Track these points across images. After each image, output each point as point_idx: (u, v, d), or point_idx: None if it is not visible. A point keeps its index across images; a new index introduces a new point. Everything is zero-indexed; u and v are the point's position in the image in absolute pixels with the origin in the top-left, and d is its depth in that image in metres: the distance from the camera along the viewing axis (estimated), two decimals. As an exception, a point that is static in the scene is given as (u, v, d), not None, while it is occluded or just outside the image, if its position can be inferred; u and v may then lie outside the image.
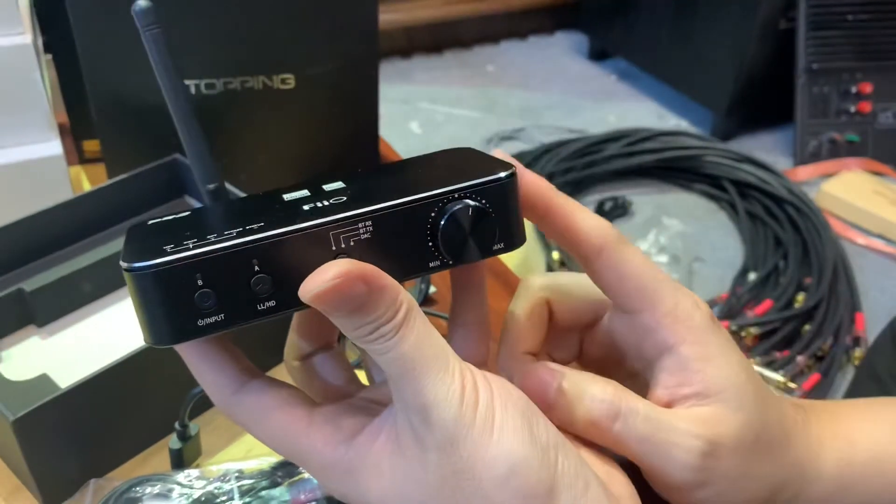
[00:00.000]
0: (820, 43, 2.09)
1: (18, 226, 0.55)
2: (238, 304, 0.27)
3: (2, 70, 0.60)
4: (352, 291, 0.26)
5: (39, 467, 0.43)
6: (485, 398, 0.28)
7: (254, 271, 0.26)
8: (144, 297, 0.26)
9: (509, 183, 0.29)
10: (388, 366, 0.28)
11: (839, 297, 1.63)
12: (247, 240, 0.26)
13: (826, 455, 0.36)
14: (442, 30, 2.67)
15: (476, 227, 0.29)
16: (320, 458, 0.30)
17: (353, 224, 0.27)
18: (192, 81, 0.64)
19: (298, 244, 0.27)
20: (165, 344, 0.27)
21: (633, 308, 0.34)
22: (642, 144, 2.04)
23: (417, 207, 0.28)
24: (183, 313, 0.26)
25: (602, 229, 0.33)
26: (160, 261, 0.26)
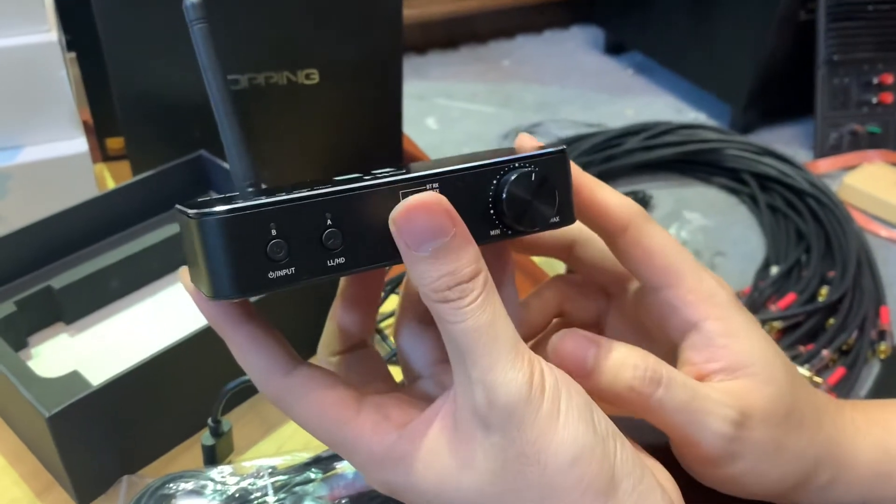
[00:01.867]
0: (840, 34, 2.06)
1: (45, 224, 0.55)
2: (309, 257, 0.27)
3: (28, 68, 0.60)
4: (440, 219, 0.26)
5: (73, 463, 0.43)
6: (551, 384, 0.28)
7: (326, 224, 0.27)
8: (215, 245, 0.25)
9: (563, 156, 0.31)
10: (461, 335, 0.27)
11: (863, 290, 1.61)
12: (322, 191, 0.26)
13: (862, 440, 0.36)
14: (457, 25, 2.67)
15: (538, 192, 0.29)
16: (368, 446, 0.29)
17: (420, 184, 0.28)
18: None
19: (370, 200, 0.27)
20: (230, 296, 0.26)
21: (658, 284, 0.34)
22: (662, 138, 2.02)
23: (483, 172, 0.29)
24: (254, 263, 0.26)
25: (628, 206, 0.33)
26: (235, 206, 0.25)
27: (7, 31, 0.59)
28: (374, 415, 0.30)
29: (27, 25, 0.59)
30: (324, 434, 0.30)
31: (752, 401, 0.33)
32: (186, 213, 0.26)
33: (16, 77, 0.60)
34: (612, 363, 0.31)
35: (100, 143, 0.77)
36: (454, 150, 2.15)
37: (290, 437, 0.49)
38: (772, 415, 0.33)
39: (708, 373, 0.33)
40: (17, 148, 0.63)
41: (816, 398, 0.35)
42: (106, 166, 0.77)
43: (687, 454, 0.33)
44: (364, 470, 0.30)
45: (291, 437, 0.49)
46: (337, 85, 0.67)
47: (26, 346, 0.52)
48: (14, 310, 0.50)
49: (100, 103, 0.75)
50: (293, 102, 0.67)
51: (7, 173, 0.61)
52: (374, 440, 0.29)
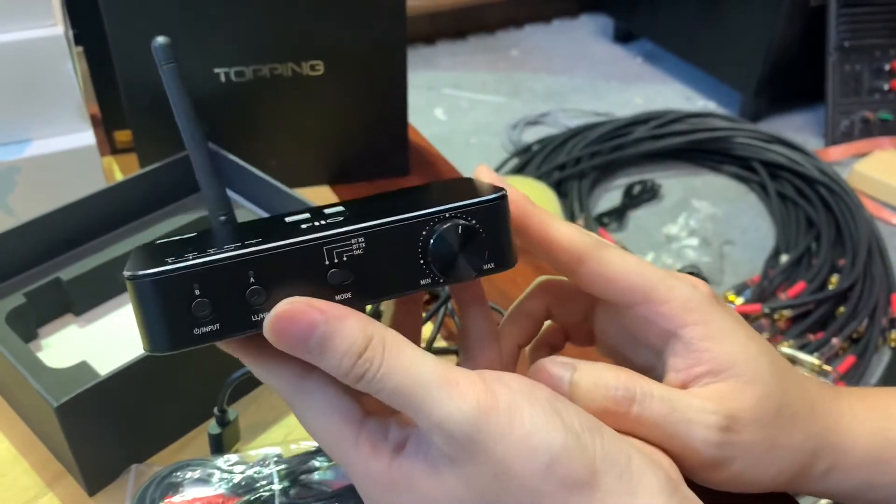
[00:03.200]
0: (851, 20, 2.05)
1: (54, 216, 0.56)
2: (233, 314, 0.28)
3: (35, 61, 0.60)
4: (304, 319, 0.27)
5: (82, 453, 0.44)
6: (504, 397, 0.28)
7: (249, 283, 0.27)
8: (143, 304, 0.27)
9: (499, 203, 0.30)
10: (391, 398, 0.28)
11: (874, 278, 1.60)
12: (243, 252, 0.27)
13: (861, 426, 0.36)
14: (466, 15, 2.66)
15: (466, 245, 0.30)
16: (365, 468, 0.30)
17: (345, 239, 0.28)
18: (221, 69, 0.64)
19: (293, 258, 0.28)
20: (162, 352, 0.28)
21: (629, 303, 0.34)
22: (670, 126, 2.02)
23: (408, 225, 0.29)
24: (179, 322, 0.27)
25: (580, 237, 0.33)
26: (159, 269, 0.27)
27: (14, 25, 0.59)
28: (374, 435, 0.30)
29: (34, 20, 0.60)
30: (327, 447, 0.31)
31: (738, 402, 0.32)
32: (124, 272, 0.28)
33: (23, 71, 0.60)
34: (587, 385, 0.32)
35: (108, 137, 0.77)
36: (463, 140, 2.15)
37: (297, 425, 0.50)
38: (760, 414, 0.33)
39: (693, 377, 0.33)
40: (26, 141, 0.63)
41: (809, 389, 0.35)
42: (114, 159, 0.77)
43: (680, 464, 0.33)
44: (359, 488, 0.31)
45: (297, 426, 0.50)
46: (342, 76, 0.67)
47: (36, 337, 0.53)
48: (23, 301, 0.50)
49: (107, 97, 0.75)
50: (298, 94, 0.67)
51: (15, 166, 0.61)
52: (371, 462, 0.29)
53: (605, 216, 1.83)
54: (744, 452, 0.33)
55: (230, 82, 0.65)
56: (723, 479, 0.33)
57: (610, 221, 1.83)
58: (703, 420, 0.32)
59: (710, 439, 0.32)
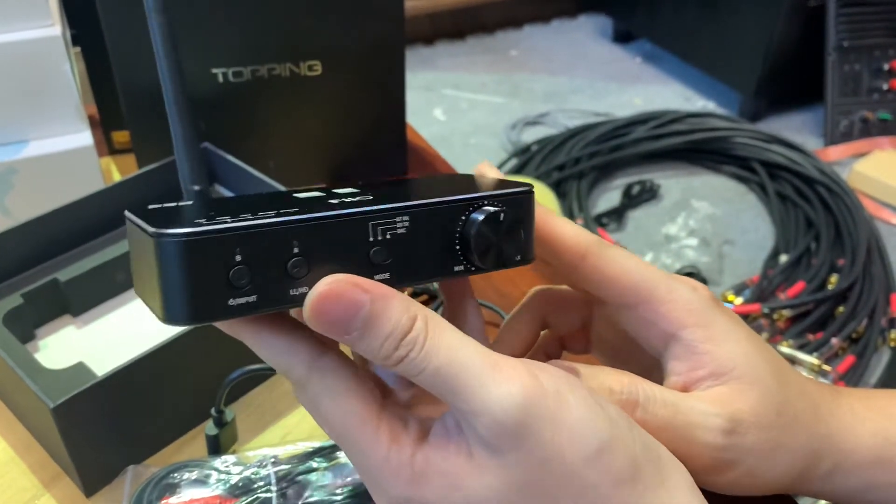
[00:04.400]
0: (850, 20, 2.05)
1: (52, 217, 0.56)
2: (272, 285, 0.25)
3: (32, 62, 0.60)
4: (349, 298, 0.25)
5: (79, 454, 0.44)
6: (549, 382, 0.27)
7: (293, 253, 0.25)
8: (173, 267, 0.24)
9: (530, 196, 0.30)
10: (431, 382, 0.26)
11: (873, 278, 1.60)
12: (290, 219, 0.25)
13: (862, 426, 0.36)
14: (465, 15, 2.66)
15: (505, 233, 0.29)
16: (384, 457, 0.28)
17: (391, 216, 0.27)
18: (219, 70, 0.64)
19: (339, 230, 0.26)
20: (183, 323, 0.25)
21: (629, 304, 0.34)
22: (670, 127, 2.02)
23: (453, 207, 0.29)
24: (214, 290, 0.24)
25: (582, 236, 0.33)
26: (198, 230, 0.24)
27: (11, 25, 0.59)
28: (394, 422, 0.28)
29: (31, 20, 0.60)
30: (340, 434, 0.28)
31: (740, 405, 0.32)
32: (143, 229, 0.24)
33: (21, 72, 0.60)
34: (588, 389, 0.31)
35: (106, 137, 0.77)
36: (462, 140, 2.15)
37: (294, 426, 0.50)
38: (762, 416, 0.33)
39: (694, 381, 0.33)
40: (23, 142, 0.63)
41: (810, 391, 0.35)
42: (112, 160, 0.77)
43: None
44: (374, 480, 0.28)
45: (295, 427, 0.50)
46: (340, 76, 0.67)
47: (34, 338, 0.53)
48: (21, 302, 0.50)
49: (105, 97, 0.75)
50: (296, 94, 0.67)
51: (13, 167, 0.61)
52: (392, 451, 0.28)
53: (604, 216, 1.83)
54: (747, 455, 0.32)
55: (228, 83, 0.65)
56: (726, 482, 0.33)
57: (609, 222, 1.83)
58: (707, 423, 0.32)
59: (714, 443, 0.32)
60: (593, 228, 1.75)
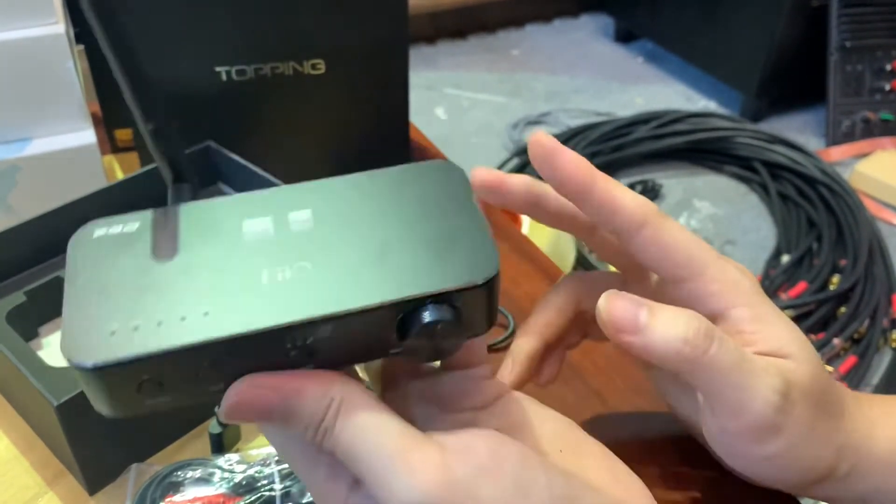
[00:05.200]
0: (853, 20, 2.05)
1: (55, 215, 0.56)
2: (185, 390, 0.26)
3: (35, 60, 0.60)
4: (261, 403, 0.26)
5: (82, 452, 0.44)
6: (461, 474, 0.26)
7: (202, 366, 0.26)
8: (87, 386, 0.26)
9: (490, 283, 0.27)
10: (344, 462, 0.27)
11: (875, 278, 1.60)
12: (195, 341, 0.25)
13: (878, 432, 0.36)
14: (467, 14, 2.66)
15: (445, 333, 0.27)
16: (318, 489, 0.28)
17: (313, 326, 0.26)
18: (222, 68, 0.64)
19: (252, 343, 0.26)
20: (112, 417, 0.27)
21: (681, 277, 0.34)
22: (671, 126, 2.02)
23: (385, 310, 0.26)
24: (129, 398, 0.26)
25: (642, 204, 0.33)
26: (104, 361, 0.25)
27: (14, 23, 0.59)
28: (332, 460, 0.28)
29: (34, 18, 0.60)
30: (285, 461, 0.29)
31: (792, 376, 0.32)
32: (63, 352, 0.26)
33: (23, 69, 0.60)
34: (665, 319, 0.31)
35: (109, 135, 0.77)
36: (463, 140, 2.15)
37: (298, 425, 0.50)
38: (810, 392, 0.33)
39: None
40: (26, 140, 0.63)
41: (837, 388, 0.36)
42: (115, 158, 0.77)
43: (729, 423, 0.32)
44: None
45: (298, 426, 0.50)
46: (343, 75, 0.67)
47: (37, 336, 0.52)
48: (24, 300, 0.50)
49: (108, 95, 0.75)
50: (299, 93, 0.67)
51: (16, 165, 0.61)
52: (328, 487, 0.28)
53: (605, 216, 1.83)
54: (792, 427, 0.32)
55: (231, 81, 0.65)
56: (764, 455, 0.33)
57: (611, 221, 1.83)
58: (766, 380, 0.32)
59: (771, 399, 0.32)
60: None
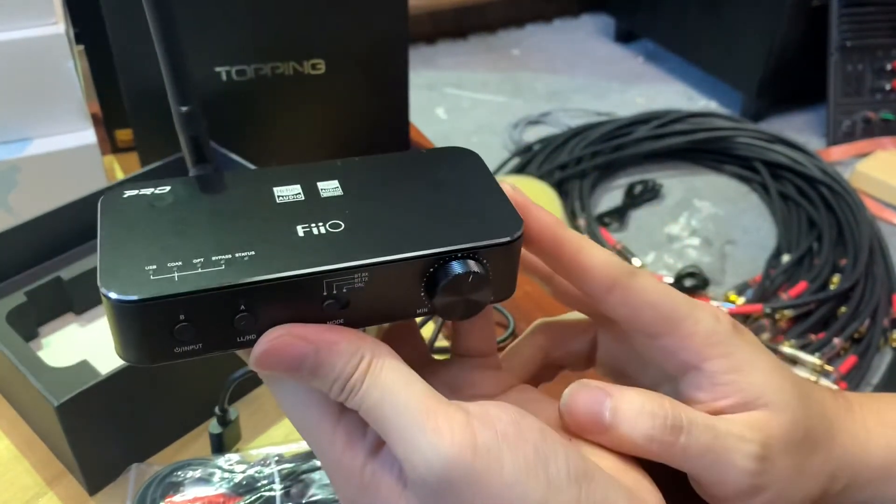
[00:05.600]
0: (853, 20, 2.04)
1: (55, 215, 0.56)
2: (218, 337, 0.26)
3: (36, 60, 0.60)
4: (293, 353, 0.26)
5: (82, 452, 0.44)
6: (485, 439, 0.26)
7: (239, 310, 0.26)
8: (121, 323, 0.25)
9: (516, 244, 0.29)
10: (369, 418, 0.27)
11: (875, 278, 1.60)
12: (235, 282, 0.25)
13: (873, 441, 0.35)
14: (467, 14, 2.66)
15: (473, 288, 0.28)
16: (338, 462, 0.28)
17: (349, 274, 0.26)
18: (223, 68, 0.64)
19: (289, 289, 0.26)
20: (139, 365, 0.26)
21: (653, 335, 0.33)
22: (672, 126, 2.01)
23: (417, 263, 0.27)
24: (160, 343, 0.26)
25: (611, 265, 0.32)
26: (143, 297, 0.25)
27: (15, 23, 0.59)
28: (351, 428, 0.28)
29: (34, 18, 0.60)
30: (302, 433, 0.29)
31: (770, 430, 0.32)
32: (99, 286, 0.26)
33: (24, 70, 0.60)
34: (630, 413, 0.30)
35: (109, 135, 0.77)
36: (464, 139, 2.15)
37: (298, 425, 0.50)
38: (790, 442, 0.32)
39: (718, 409, 0.32)
40: (26, 140, 0.63)
41: (828, 409, 0.35)
42: (115, 158, 0.77)
43: (711, 492, 0.32)
44: (331, 480, 0.29)
45: (298, 426, 0.50)
46: (343, 75, 0.67)
47: (37, 336, 0.53)
48: (24, 300, 0.50)
49: (108, 95, 0.75)
50: (300, 93, 0.67)
51: (16, 165, 0.61)
52: (345, 457, 0.28)
53: (606, 216, 1.83)
54: (775, 481, 0.32)
55: (231, 81, 0.65)
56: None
57: (611, 221, 1.82)
58: (742, 448, 0.31)
59: (748, 468, 0.31)
60: (596, 228, 1.75)
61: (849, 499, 0.35)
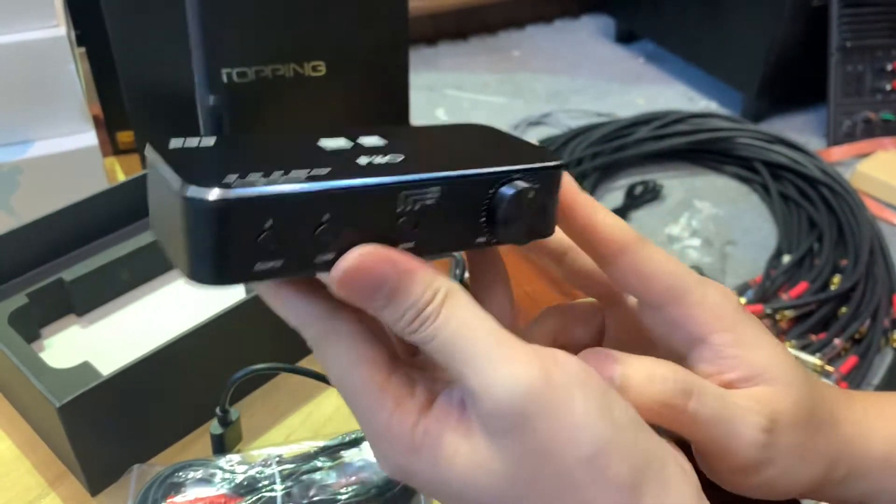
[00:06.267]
0: (853, 20, 2.05)
1: (56, 217, 0.56)
2: (299, 252, 0.25)
3: (37, 62, 0.61)
4: (378, 272, 0.26)
5: (84, 453, 0.44)
6: (560, 376, 0.27)
7: (322, 220, 0.25)
8: (201, 229, 0.23)
9: (561, 171, 0.30)
10: (439, 355, 0.27)
11: (876, 278, 1.60)
12: (323, 186, 0.24)
13: (874, 432, 0.36)
14: (467, 16, 2.66)
15: (534, 209, 0.29)
16: (387, 424, 0.28)
17: (423, 187, 0.27)
18: (224, 70, 0.64)
19: (370, 199, 0.26)
20: (209, 283, 0.24)
21: (661, 303, 0.33)
22: (672, 127, 2.02)
23: (485, 180, 0.28)
24: (241, 254, 0.24)
25: (623, 229, 0.32)
26: (231, 195, 0.23)
27: (16, 26, 0.60)
28: (400, 388, 0.28)
29: (36, 21, 0.60)
30: (347, 394, 0.28)
31: (777, 405, 0.32)
32: (169, 181, 0.24)
33: (25, 72, 0.61)
34: (640, 378, 0.31)
35: (110, 137, 0.78)
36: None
37: (299, 426, 0.50)
38: (797, 418, 0.32)
39: (724, 383, 0.33)
40: (28, 142, 0.63)
41: (828, 396, 0.35)
42: (117, 160, 0.77)
43: (717, 464, 0.33)
44: (376, 446, 0.29)
45: (299, 427, 0.50)
46: (344, 76, 0.67)
47: (39, 337, 0.53)
48: (26, 302, 0.50)
49: (110, 97, 0.75)
50: (300, 94, 0.67)
51: (18, 167, 0.62)
52: (395, 417, 0.27)
53: (606, 217, 1.83)
54: (780, 456, 0.32)
55: (232, 83, 0.65)
56: (756, 483, 0.33)
57: (612, 222, 1.83)
58: (749, 420, 0.31)
59: (755, 439, 0.31)
60: (596, 229, 1.75)
61: (850, 488, 0.35)
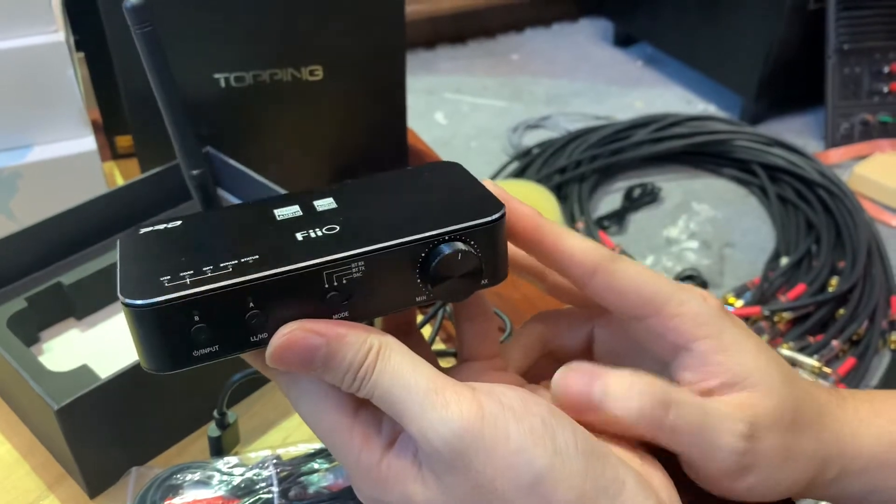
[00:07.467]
0: (851, 23, 2.05)
1: (55, 221, 0.56)
2: (232, 337, 0.28)
3: (36, 67, 0.61)
4: (306, 345, 0.28)
5: (83, 455, 0.44)
6: (492, 410, 0.28)
7: (248, 308, 0.28)
8: (142, 330, 0.27)
9: (499, 224, 0.30)
10: (382, 406, 0.29)
11: (874, 280, 1.60)
12: (242, 279, 0.27)
13: (867, 431, 0.36)
14: (466, 19, 2.67)
15: (464, 268, 0.30)
16: (356, 459, 0.30)
17: (346, 264, 0.28)
18: (221, 75, 0.64)
19: (293, 283, 0.28)
20: (161, 372, 0.28)
21: (640, 316, 0.34)
22: (670, 130, 2.02)
23: (408, 249, 0.29)
24: (179, 346, 0.28)
25: (592, 251, 0.33)
26: (158, 299, 0.27)
27: (15, 31, 0.60)
28: (367, 425, 0.30)
29: (34, 26, 0.60)
30: (319, 433, 0.31)
31: (758, 410, 0.32)
32: (119, 295, 0.28)
33: (24, 77, 0.61)
34: (619, 393, 0.31)
35: (109, 142, 0.78)
36: (463, 144, 2.15)
37: (296, 428, 0.50)
38: (778, 422, 0.33)
39: (706, 390, 0.33)
40: (27, 147, 0.64)
41: (817, 397, 0.35)
42: (115, 164, 0.78)
43: (702, 472, 0.33)
44: (351, 478, 0.31)
45: (296, 429, 0.50)
46: (341, 80, 0.68)
47: (38, 341, 0.53)
48: (25, 306, 0.51)
49: (108, 102, 0.76)
50: (298, 99, 0.67)
51: (17, 172, 0.62)
52: (363, 453, 0.30)
53: (605, 219, 1.83)
54: (763, 461, 0.33)
55: (230, 87, 0.65)
56: (743, 488, 0.33)
57: (610, 224, 1.83)
58: (729, 427, 0.32)
59: (736, 446, 0.32)
60: (595, 231, 1.75)
61: (843, 488, 0.36)
